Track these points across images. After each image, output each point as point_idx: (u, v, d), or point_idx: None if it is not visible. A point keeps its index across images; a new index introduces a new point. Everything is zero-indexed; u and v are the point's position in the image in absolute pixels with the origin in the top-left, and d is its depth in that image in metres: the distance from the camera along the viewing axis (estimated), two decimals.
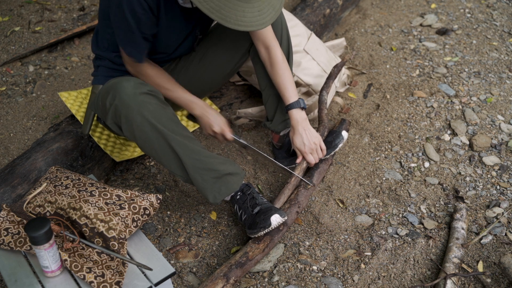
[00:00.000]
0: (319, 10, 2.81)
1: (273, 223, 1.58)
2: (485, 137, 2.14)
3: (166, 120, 1.53)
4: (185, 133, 1.57)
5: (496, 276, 1.60)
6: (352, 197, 1.94)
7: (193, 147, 1.58)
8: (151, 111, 1.50)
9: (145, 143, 1.55)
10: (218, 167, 1.62)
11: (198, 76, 1.89)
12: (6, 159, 2.13)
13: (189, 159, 1.57)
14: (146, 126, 1.51)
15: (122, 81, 1.51)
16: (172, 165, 1.60)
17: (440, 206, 1.89)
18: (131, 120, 1.51)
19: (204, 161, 1.59)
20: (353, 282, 1.62)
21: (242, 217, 1.69)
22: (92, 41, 1.79)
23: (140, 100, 1.49)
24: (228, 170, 1.64)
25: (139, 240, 1.50)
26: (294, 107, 1.80)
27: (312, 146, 1.83)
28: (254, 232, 1.62)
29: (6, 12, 3.22)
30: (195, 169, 1.59)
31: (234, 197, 1.73)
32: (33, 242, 1.29)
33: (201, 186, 1.62)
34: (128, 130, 1.54)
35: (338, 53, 2.70)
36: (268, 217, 1.59)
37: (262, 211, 1.64)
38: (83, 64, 2.78)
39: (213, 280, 1.51)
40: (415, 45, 2.85)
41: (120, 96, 1.49)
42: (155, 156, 1.59)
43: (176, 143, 1.54)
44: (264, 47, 1.80)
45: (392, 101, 2.42)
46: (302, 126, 1.82)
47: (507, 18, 3.07)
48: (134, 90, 1.49)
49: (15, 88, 2.58)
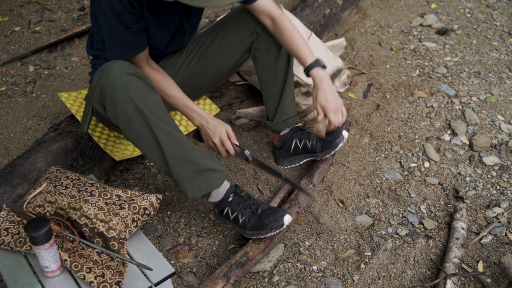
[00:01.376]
0: (319, 10, 2.81)
1: (286, 223, 1.58)
2: (485, 137, 2.14)
3: (151, 103, 1.47)
4: (169, 121, 1.51)
5: (496, 276, 1.60)
6: (352, 197, 1.94)
7: (176, 135, 1.51)
8: (136, 92, 1.45)
9: (127, 125, 1.49)
10: (200, 160, 1.55)
11: (198, 75, 1.89)
12: (6, 159, 2.13)
13: (170, 148, 1.51)
14: (129, 108, 1.45)
15: (112, 62, 1.48)
16: (152, 152, 1.53)
17: (440, 206, 1.89)
18: (114, 99, 1.46)
19: (186, 152, 1.52)
20: (353, 282, 1.62)
21: (238, 219, 1.65)
22: (87, 44, 1.79)
23: (126, 80, 1.44)
24: (210, 166, 1.57)
25: (139, 240, 1.50)
26: (315, 66, 1.72)
27: (336, 105, 1.72)
28: (262, 233, 1.60)
29: (6, 12, 3.22)
30: (176, 159, 1.52)
31: (225, 200, 1.66)
32: (33, 242, 1.29)
33: (180, 179, 1.55)
34: (112, 110, 1.49)
35: (338, 53, 2.70)
36: (279, 218, 1.59)
37: (268, 212, 1.62)
38: (83, 64, 2.78)
39: (213, 280, 1.51)
40: (415, 45, 2.85)
41: (107, 75, 1.45)
42: (136, 141, 1.53)
43: (159, 128, 1.48)
44: (270, 18, 1.77)
45: (392, 101, 2.42)
46: (327, 84, 1.72)
47: (507, 18, 3.07)
48: (121, 70, 1.45)
49: (15, 88, 2.58)
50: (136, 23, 1.54)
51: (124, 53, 1.59)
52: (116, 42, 1.56)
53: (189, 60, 1.87)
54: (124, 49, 1.58)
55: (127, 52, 1.59)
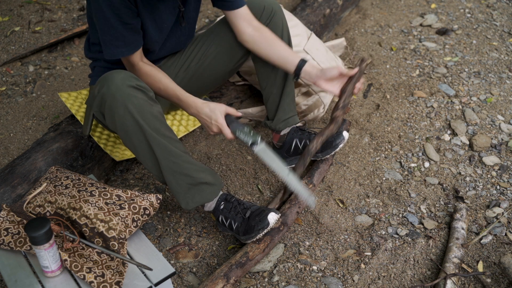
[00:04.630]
0: (319, 10, 2.81)
1: (271, 222, 1.58)
2: (485, 137, 2.14)
3: (150, 116, 1.49)
4: (167, 133, 1.54)
5: (496, 276, 1.60)
6: (352, 197, 1.94)
7: (172, 149, 1.54)
8: (136, 105, 1.47)
9: (125, 136, 1.52)
10: (195, 174, 1.58)
11: (198, 75, 1.89)
12: (6, 159, 2.13)
13: (165, 161, 1.54)
14: (127, 120, 1.48)
15: (114, 72, 1.49)
16: (148, 163, 1.57)
17: (440, 206, 1.89)
18: (114, 110, 1.48)
19: (181, 166, 1.56)
20: (353, 282, 1.62)
21: (232, 226, 1.66)
22: (85, 47, 1.79)
23: (127, 93, 1.46)
24: (205, 179, 1.60)
25: (139, 240, 1.50)
26: (303, 65, 1.73)
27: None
28: (252, 236, 1.60)
29: (6, 12, 3.22)
30: (170, 172, 1.56)
31: (218, 208, 1.68)
32: (33, 242, 1.29)
33: (175, 190, 1.59)
34: (110, 120, 1.51)
35: (338, 53, 2.70)
36: (264, 217, 1.58)
37: (255, 214, 1.62)
38: (83, 64, 2.78)
39: (214, 280, 1.51)
40: (415, 45, 2.85)
41: (108, 85, 1.47)
42: (134, 151, 1.56)
43: (155, 142, 1.51)
44: (252, 27, 1.77)
45: (392, 101, 2.42)
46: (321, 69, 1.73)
47: (507, 18, 3.07)
48: (122, 81, 1.46)
49: (15, 88, 2.58)
50: (133, 19, 1.53)
51: (121, 51, 1.58)
52: (112, 39, 1.55)
53: (189, 61, 1.87)
54: (121, 47, 1.57)
55: (124, 51, 1.58)
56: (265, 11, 1.82)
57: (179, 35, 1.77)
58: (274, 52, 1.77)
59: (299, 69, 1.74)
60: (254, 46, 1.80)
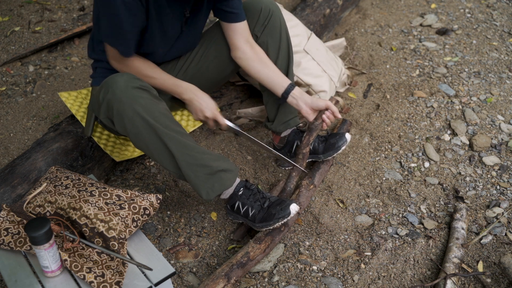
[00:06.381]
0: (319, 10, 2.81)
1: (293, 212, 1.60)
2: (485, 137, 2.14)
3: (158, 114, 1.51)
4: (177, 129, 1.55)
5: (496, 276, 1.60)
6: (352, 197, 1.94)
7: (185, 142, 1.55)
8: (143, 105, 1.48)
9: (137, 137, 1.53)
10: (211, 163, 1.59)
11: (198, 76, 1.89)
12: (6, 159, 2.13)
13: (181, 155, 1.55)
14: (137, 121, 1.49)
15: (116, 76, 1.50)
16: (165, 160, 1.57)
17: (440, 206, 1.89)
18: (122, 114, 1.49)
19: (197, 157, 1.57)
20: (353, 282, 1.62)
21: (248, 213, 1.67)
22: (88, 46, 1.79)
23: (132, 94, 1.47)
24: (221, 167, 1.62)
25: (139, 240, 1.50)
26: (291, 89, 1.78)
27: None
28: (270, 224, 1.62)
29: (6, 12, 3.22)
30: (188, 165, 1.56)
31: (236, 194, 1.69)
32: (33, 242, 1.29)
33: (194, 182, 1.60)
34: (120, 124, 1.52)
35: (338, 53, 2.70)
36: (286, 207, 1.60)
37: (276, 203, 1.64)
38: (83, 64, 2.78)
39: (214, 280, 1.51)
40: (415, 45, 2.85)
41: (113, 90, 1.48)
42: (147, 152, 1.57)
43: (168, 138, 1.52)
44: (249, 45, 1.79)
45: (392, 101, 2.42)
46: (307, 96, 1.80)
47: (507, 18, 3.07)
48: (126, 84, 1.47)
49: (15, 88, 2.58)
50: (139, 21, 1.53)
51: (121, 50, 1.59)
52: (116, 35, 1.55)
53: (189, 62, 1.87)
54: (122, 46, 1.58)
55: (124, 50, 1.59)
56: (262, 13, 1.81)
57: (185, 41, 1.78)
58: (265, 73, 1.81)
59: (287, 93, 1.79)
60: (247, 64, 1.82)
